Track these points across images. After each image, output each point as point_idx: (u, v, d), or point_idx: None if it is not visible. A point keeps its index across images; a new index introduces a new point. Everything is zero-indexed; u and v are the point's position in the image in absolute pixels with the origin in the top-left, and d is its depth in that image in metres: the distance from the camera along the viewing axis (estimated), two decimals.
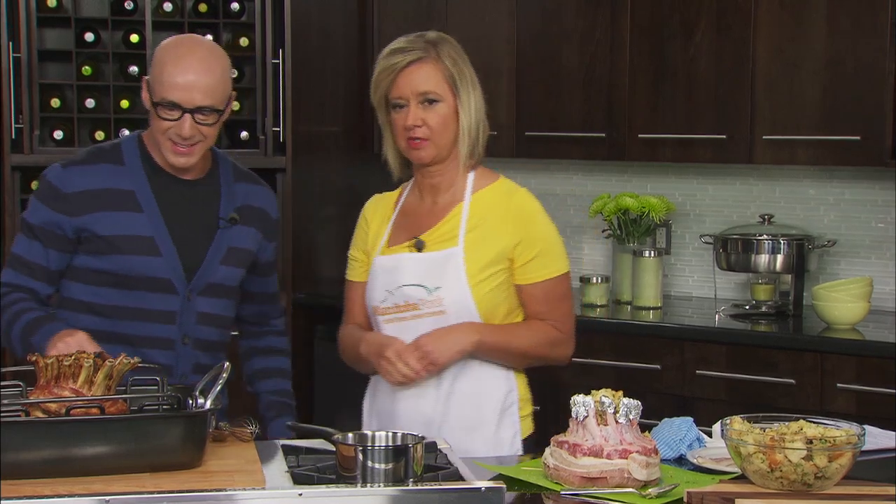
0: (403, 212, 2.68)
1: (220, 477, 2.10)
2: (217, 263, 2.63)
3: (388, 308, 2.58)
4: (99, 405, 2.14)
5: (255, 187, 2.73)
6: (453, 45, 2.62)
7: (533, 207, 2.63)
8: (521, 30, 4.34)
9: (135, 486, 2.03)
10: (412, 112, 2.54)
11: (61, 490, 1.99)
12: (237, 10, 4.31)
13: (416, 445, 2.13)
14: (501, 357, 2.60)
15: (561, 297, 2.62)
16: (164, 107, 2.50)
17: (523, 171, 4.76)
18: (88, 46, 4.21)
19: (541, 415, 4.04)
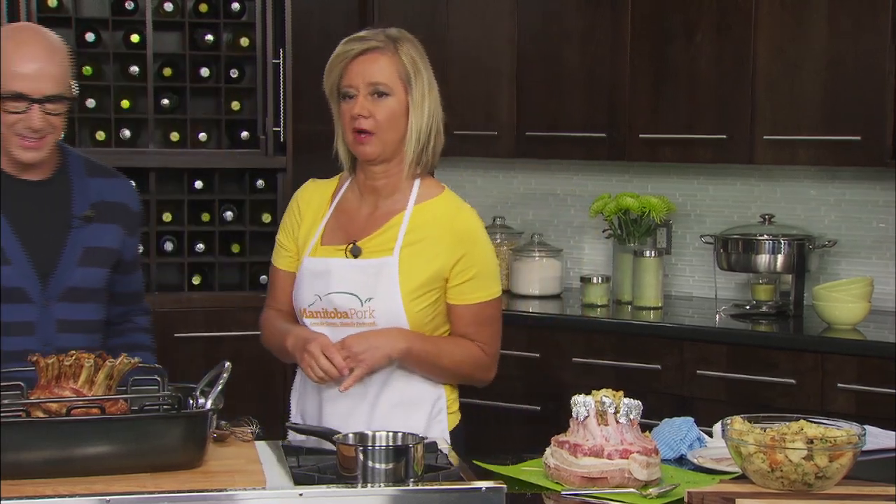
0: (340, 209, 2.60)
1: (221, 477, 2.10)
2: (74, 266, 2.50)
3: (316, 312, 2.52)
4: (100, 405, 2.14)
5: (112, 180, 2.61)
6: (415, 44, 2.57)
7: (476, 228, 2.57)
8: (522, 30, 4.34)
9: (136, 486, 2.03)
10: (360, 102, 2.49)
11: (62, 490, 1.99)
12: (238, 10, 4.31)
13: (417, 445, 2.13)
14: (426, 369, 2.54)
15: (490, 321, 2.58)
16: (10, 99, 2.37)
17: (524, 172, 4.77)
18: (89, 46, 4.21)
19: (540, 414, 4.07)
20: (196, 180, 4.33)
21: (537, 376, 4.10)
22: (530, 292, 4.41)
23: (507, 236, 4.59)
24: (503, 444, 4.01)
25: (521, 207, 4.78)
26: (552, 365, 4.07)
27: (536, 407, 4.08)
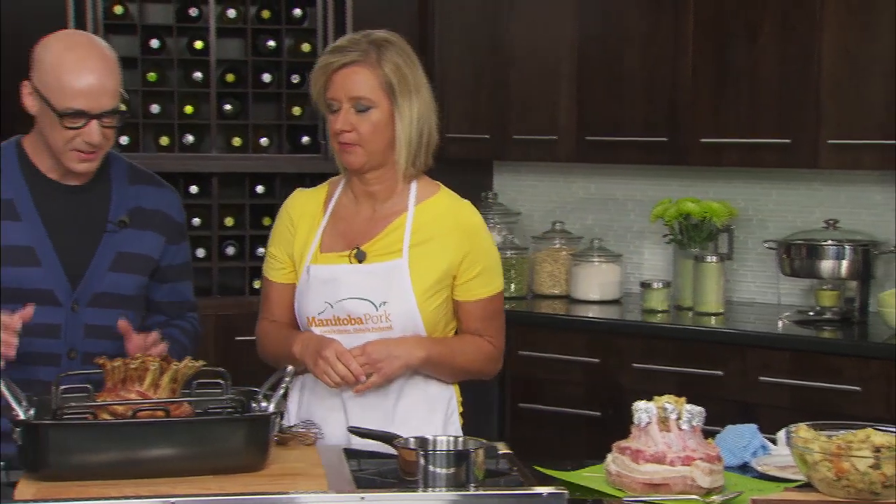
0: (336, 216, 2.58)
1: (284, 480, 2.12)
2: (104, 270, 2.47)
3: (327, 320, 2.50)
4: (164, 408, 2.16)
5: (153, 188, 2.58)
6: (400, 48, 2.51)
7: (478, 222, 2.58)
8: (583, 33, 4.32)
9: (199, 488, 2.05)
10: (343, 117, 2.46)
11: (128, 491, 2.01)
12: (299, 15, 4.34)
13: (478, 450, 2.13)
14: (443, 372, 2.55)
15: (496, 314, 2.60)
16: (70, 116, 2.35)
17: (583, 176, 4.75)
18: (153, 53, 4.26)
19: (601, 420, 4.05)
20: (258, 185, 4.38)
21: (597, 382, 4.08)
22: (590, 297, 4.39)
23: (566, 241, 4.58)
24: (563, 450, 4.01)
25: (581, 212, 4.77)
26: (612, 370, 4.05)
27: (596, 412, 4.06)
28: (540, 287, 4.54)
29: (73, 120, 2.36)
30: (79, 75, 2.35)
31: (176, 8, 4.27)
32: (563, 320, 4.20)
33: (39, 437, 2.05)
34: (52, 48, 2.40)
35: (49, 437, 2.05)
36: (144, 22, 4.28)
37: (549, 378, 4.16)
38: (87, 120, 2.36)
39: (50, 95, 2.36)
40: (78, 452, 2.06)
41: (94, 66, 2.37)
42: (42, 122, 2.41)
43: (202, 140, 4.34)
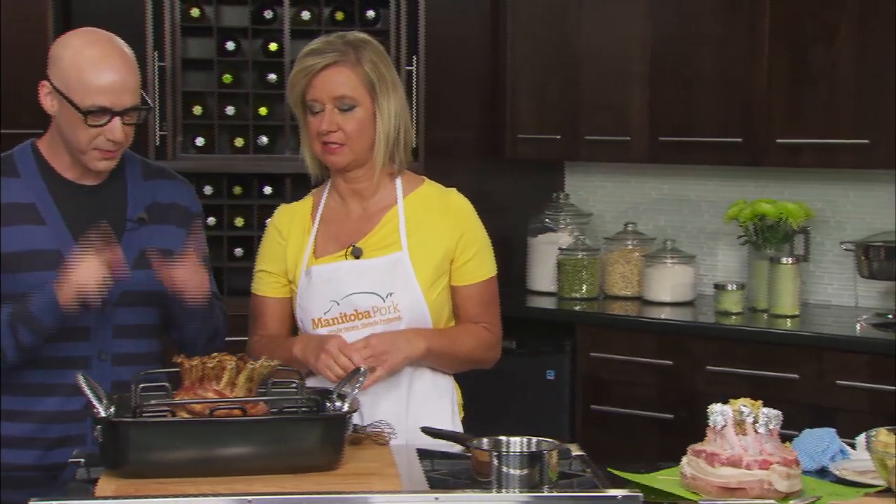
0: (326, 220, 2.60)
1: (358, 479, 2.13)
2: (129, 268, 2.42)
3: (333, 318, 2.52)
4: (241, 407, 2.18)
5: (168, 182, 2.57)
6: (375, 47, 2.54)
7: (468, 207, 2.61)
8: (656, 33, 4.30)
9: (275, 486, 2.06)
10: (327, 117, 2.49)
11: (205, 489, 2.03)
12: (372, 17, 4.36)
13: (552, 452, 2.13)
14: (444, 362, 2.57)
15: (493, 299, 2.62)
16: (93, 114, 2.34)
17: (656, 177, 4.72)
18: (229, 55, 4.30)
19: (673, 423, 4.02)
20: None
21: (669, 384, 4.06)
22: (662, 299, 4.36)
23: (638, 242, 4.55)
24: (634, 452, 3.99)
25: (653, 213, 4.74)
26: (685, 373, 4.02)
27: (668, 415, 4.03)
28: (611, 288, 4.52)
29: (97, 118, 2.35)
30: (100, 72, 2.34)
31: (251, 10, 4.31)
32: (635, 322, 4.18)
33: (119, 434, 2.08)
34: (70, 46, 2.38)
35: (129, 435, 2.08)
36: (220, 24, 4.33)
37: (621, 380, 4.14)
38: (110, 117, 2.35)
39: (71, 94, 2.35)
40: (157, 450, 2.09)
41: (114, 63, 2.36)
42: (62, 121, 2.40)
43: (276, 141, 4.38)
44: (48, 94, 2.40)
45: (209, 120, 4.29)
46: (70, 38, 2.41)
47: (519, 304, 4.44)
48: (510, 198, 4.76)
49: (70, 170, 2.46)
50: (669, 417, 4.03)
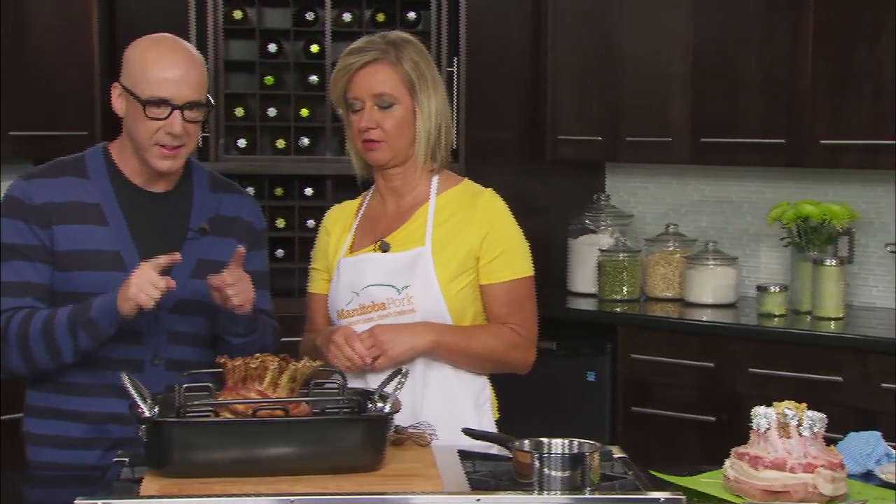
0: (366, 217, 2.65)
1: (400, 480, 2.13)
2: (186, 277, 2.46)
3: (354, 310, 2.55)
4: (284, 407, 2.19)
5: (232, 196, 2.60)
6: (416, 46, 2.56)
7: (499, 206, 2.60)
8: (698, 34, 4.28)
9: (318, 487, 2.07)
10: (367, 114, 2.52)
11: (248, 489, 2.05)
12: (413, 18, 4.37)
13: (594, 454, 2.12)
14: (460, 360, 2.55)
15: (524, 301, 2.59)
16: (153, 104, 2.38)
17: (698, 178, 4.70)
18: (271, 57, 4.33)
19: (715, 425, 4.00)
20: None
21: (711, 386, 4.03)
22: (704, 301, 4.33)
23: (680, 244, 4.53)
24: (675, 454, 3.97)
25: (695, 215, 4.71)
26: (727, 375, 3.99)
27: (710, 417, 4.01)
28: (652, 290, 4.50)
29: (156, 109, 2.39)
30: (162, 66, 2.40)
31: (293, 12, 4.33)
32: (677, 324, 4.16)
33: (164, 434, 2.09)
34: (138, 46, 2.46)
35: (173, 435, 2.09)
36: (262, 26, 4.35)
37: (662, 382, 4.13)
38: (171, 110, 2.39)
39: (135, 87, 2.40)
40: (200, 450, 2.10)
41: (177, 59, 2.41)
42: (128, 119, 2.45)
43: (317, 143, 4.40)
44: (119, 96, 2.46)
45: (251, 122, 4.31)
46: (139, 40, 2.48)
47: (559, 306, 4.43)
48: (550, 199, 4.75)
49: (138, 175, 2.50)
50: (711, 420, 4.01)
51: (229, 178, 2.70)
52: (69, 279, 2.44)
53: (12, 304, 2.42)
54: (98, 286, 2.40)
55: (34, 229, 2.43)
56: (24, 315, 2.40)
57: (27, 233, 2.43)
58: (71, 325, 2.37)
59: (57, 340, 2.38)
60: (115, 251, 2.45)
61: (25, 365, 2.42)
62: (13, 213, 2.45)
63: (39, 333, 2.38)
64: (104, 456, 2.41)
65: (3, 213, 2.46)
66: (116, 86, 2.46)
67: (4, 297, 2.42)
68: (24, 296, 2.43)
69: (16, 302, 2.42)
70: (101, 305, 2.35)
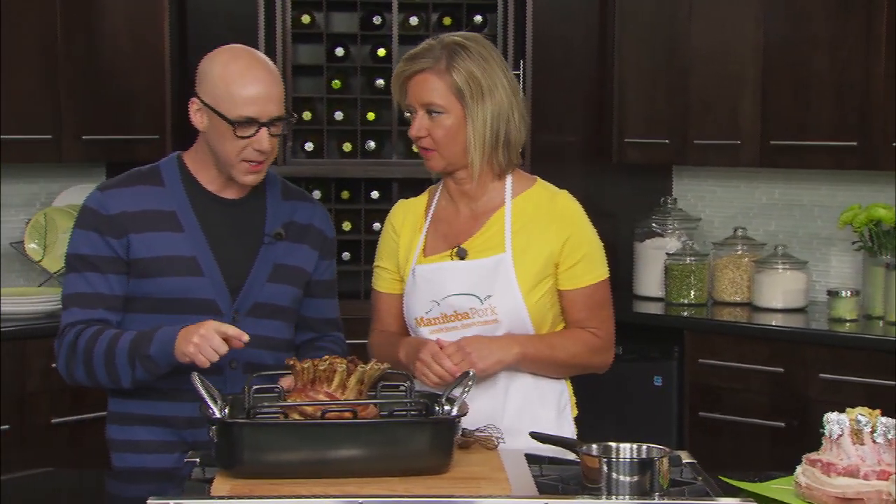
0: (436, 219, 2.62)
1: (467, 483, 2.13)
2: (263, 281, 2.51)
3: (434, 318, 2.54)
4: (352, 409, 2.20)
5: (305, 204, 2.62)
6: (473, 50, 2.50)
7: (577, 210, 2.59)
8: (768, 36, 4.23)
9: (386, 489, 2.08)
10: (417, 122, 2.52)
11: (317, 491, 2.06)
12: (480, 21, 4.37)
13: (662, 459, 2.11)
14: (544, 368, 2.55)
15: (602, 304, 2.58)
16: (242, 125, 2.40)
17: (767, 181, 4.65)
18: (338, 61, 4.35)
19: (785, 431, 3.95)
20: None
21: (781, 391, 3.99)
22: (773, 305, 4.29)
23: (748, 248, 4.48)
24: (744, 460, 3.93)
25: (764, 218, 4.66)
26: (797, 380, 3.94)
27: (780, 423, 3.97)
28: (720, 294, 4.46)
29: (245, 129, 2.40)
30: (246, 84, 2.40)
31: (360, 16, 4.35)
32: (746, 328, 4.12)
33: (234, 435, 2.11)
34: (216, 61, 2.45)
35: (242, 436, 2.11)
36: (330, 30, 4.38)
37: (730, 387, 4.09)
38: (258, 128, 2.41)
39: (220, 106, 2.41)
40: (269, 451, 2.12)
41: (259, 75, 2.42)
42: (211, 135, 2.46)
43: (383, 146, 4.41)
44: (198, 111, 2.47)
45: (318, 125, 4.34)
46: (216, 55, 2.48)
47: (625, 310, 4.40)
48: (616, 202, 4.72)
49: (213, 182, 2.53)
50: (780, 426, 3.96)
51: (296, 181, 2.74)
52: (148, 285, 2.47)
53: (84, 316, 2.46)
54: (176, 291, 2.46)
55: (108, 240, 2.46)
56: (92, 332, 2.44)
57: (101, 244, 2.46)
58: (131, 355, 2.40)
59: (117, 366, 2.42)
60: (191, 256, 2.48)
61: (90, 381, 2.47)
62: (88, 224, 2.48)
63: (102, 356, 2.42)
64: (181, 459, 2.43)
65: (79, 224, 2.50)
66: (195, 101, 2.47)
67: (76, 308, 2.47)
68: (95, 307, 2.46)
69: (87, 313, 2.46)
70: (161, 344, 2.37)
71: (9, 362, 3.80)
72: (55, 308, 3.97)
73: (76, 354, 2.44)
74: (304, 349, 2.64)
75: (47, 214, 4.35)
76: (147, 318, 2.46)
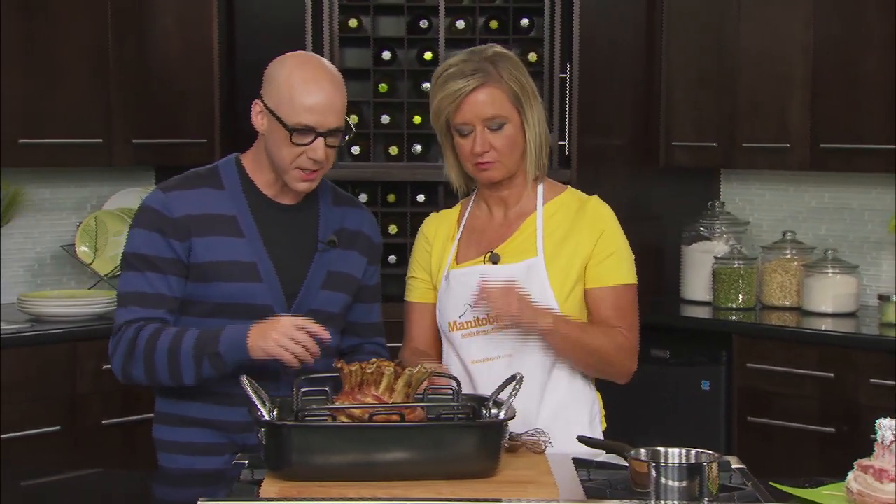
0: (469, 227, 2.64)
1: (515, 487, 2.13)
2: (317, 288, 2.52)
3: (467, 322, 2.55)
4: (400, 412, 2.21)
5: (355, 210, 2.63)
6: (512, 59, 2.55)
7: (607, 212, 2.60)
8: (819, 37, 4.19)
9: (433, 492, 2.08)
10: (479, 138, 2.51)
11: (365, 493, 2.07)
12: (526, 25, 4.36)
13: (712, 464, 2.09)
14: (570, 350, 2.52)
15: (630, 308, 2.57)
16: (299, 132, 2.40)
17: (816, 185, 4.61)
18: (385, 64, 4.36)
19: (834, 437, 3.91)
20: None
21: (831, 397, 3.95)
22: (823, 310, 4.25)
23: (798, 252, 4.44)
24: (793, 466, 3.90)
25: (813, 222, 4.62)
26: (847, 386, 3.90)
27: (830, 428, 3.93)
28: (769, 298, 4.42)
29: (302, 136, 2.41)
30: (309, 92, 2.40)
31: (407, 20, 4.36)
32: (795, 333, 4.08)
33: (282, 437, 2.12)
34: (284, 66, 2.45)
35: (291, 438, 2.12)
36: (377, 34, 4.39)
37: (779, 392, 4.05)
38: (314, 137, 2.41)
39: (280, 111, 2.41)
40: (317, 453, 2.13)
41: (323, 85, 2.42)
42: (269, 139, 2.46)
43: (429, 149, 4.42)
44: (260, 113, 2.47)
45: (365, 129, 4.35)
46: (284, 59, 2.48)
47: (672, 314, 4.38)
48: (663, 205, 4.70)
49: (270, 187, 2.53)
50: (830, 431, 3.92)
51: (343, 184, 2.74)
52: (206, 289, 2.47)
53: (143, 315, 2.45)
54: (235, 296, 2.46)
55: (171, 242, 2.46)
56: (153, 330, 2.43)
57: (164, 245, 2.46)
58: (197, 353, 2.39)
59: (181, 364, 2.40)
60: (251, 262, 2.48)
61: (147, 379, 2.46)
62: (151, 224, 2.47)
63: (165, 353, 2.41)
64: (230, 461, 2.44)
65: (141, 223, 2.49)
66: (258, 103, 2.47)
67: (136, 307, 2.46)
68: (155, 307, 2.46)
69: (146, 312, 2.46)
70: (230, 342, 2.36)
71: (60, 364, 3.84)
72: (105, 310, 4.01)
73: (135, 352, 2.43)
74: (348, 355, 2.64)
75: (98, 218, 4.40)
76: (202, 322, 2.46)
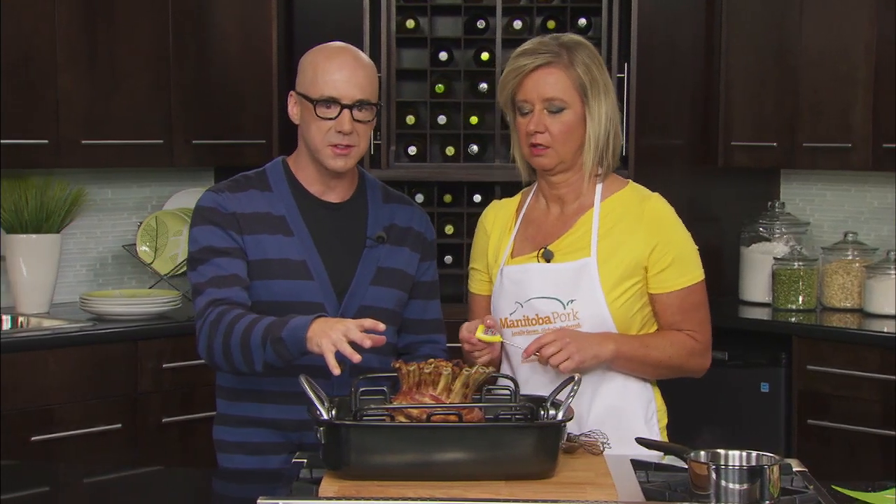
0: (527, 220, 2.61)
1: (573, 489, 2.12)
2: (367, 284, 2.53)
3: (518, 321, 2.53)
4: (457, 413, 2.21)
5: (406, 207, 2.64)
6: (589, 49, 2.52)
7: (667, 212, 2.54)
8: (882, 35, 4.13)
9: (491, 493, 2.08)
10: (535, 118, 2.49)
11: (423, 493, 2.07)
12: (584, 25, 4.34)
13: (773, 467, 2.07)
14: (638, 368, 2.50)
15: (697, 306, 2.53)
16: (323, 104, 2.46)
17: (878, 185, 4.55)
18: (441, 65, 4.36)
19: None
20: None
21: (893, 400, 3.89)
22: (886, 312, 4.19)
23: (859, 253, 4.39)
24: (854, 469, 3.85)
25: (875, 223, 4.56)
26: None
27: (892, 432, 3.87)
28: (830, 300, 4.37)
29: (326, 109, 2.46)
30: (331, 67, 2.48)
31: (464, 21, 4.36)
32: (856, 335, 4.03)
33: (341, 436, 2.13)
34: (311, 53, 2.55)
35: (349, 437, 2.13)
36: (434, 35, 4.39)
37: (840, 395, 4.00)
38: (340, 109, 2.46)
39: (307, 89, 2.49)
40: (375, 453, 2.13)
41: (345, 61, 2.49)
42: (303, 123, 2.52)
43: (486, 150, 4.42)
44: (294, 104, 2.54)
45: (422, 129, 4.36)
46: (313, 49, 2.56)
47: (731, 315, 4.34)
48: (722, 206, 4.66)
49: (315, 184, 2.56)
50: (892, 434, 3.87)
51: (399, 185, 2.77)
52: (258, 287, 2.50)
53: (222, 294, 2.44)
54: (286, 294, 2.49)
55: (230, 233, 2.49)
56: (235, 314, 2.40)
57: (224, 236, 2.49)
58: (264, 337, 2.37)
59: (251, 348, 2.38)
60: (301, 260, 2.51)
61: (226, 365, 2.44)
62: (208, 220, 2.51)
63: (240, 338, 2.39)
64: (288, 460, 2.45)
65: (199, 222, 2.52)
66: (292, 94, 2.55)
67: (213, 288, 2.45)
68: (231, 286, 2.46)
69: (224, 293, 2.45)
70: (293, 329, 2.31)
71: (121, 363, 3.89)
72: (166, 309, 4.05)
73: (217, 332, 2.40)
74: (406, 354, 2.65)
75: (158, 218, 4.45)
76: None
